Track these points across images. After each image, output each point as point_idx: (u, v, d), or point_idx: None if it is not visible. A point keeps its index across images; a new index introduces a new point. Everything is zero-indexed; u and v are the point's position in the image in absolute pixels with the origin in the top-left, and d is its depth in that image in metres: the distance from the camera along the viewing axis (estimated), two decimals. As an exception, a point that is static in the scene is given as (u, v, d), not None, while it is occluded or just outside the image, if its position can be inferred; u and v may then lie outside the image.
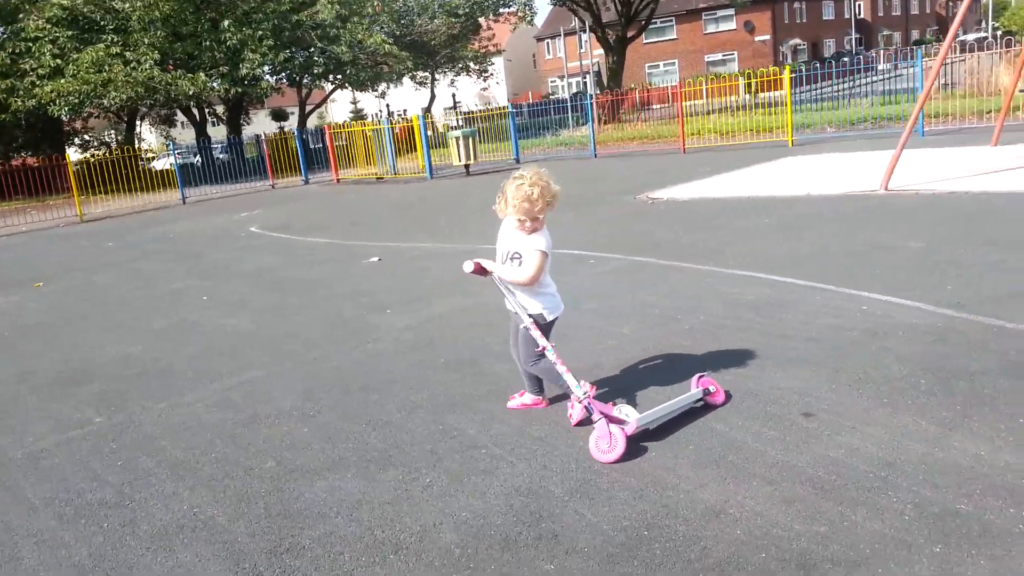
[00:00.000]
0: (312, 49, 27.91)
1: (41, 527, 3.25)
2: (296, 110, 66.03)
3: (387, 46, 28.11)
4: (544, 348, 3.53)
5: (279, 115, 61.53)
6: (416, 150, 21.62)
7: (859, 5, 69.23)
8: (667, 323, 5.01)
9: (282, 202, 17.74)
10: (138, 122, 42.45)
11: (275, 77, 29.59)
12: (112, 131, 52.47)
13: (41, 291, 9.27)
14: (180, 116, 41.55)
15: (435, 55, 33.75)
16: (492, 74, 38.75)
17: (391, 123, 21.46)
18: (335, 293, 7.20)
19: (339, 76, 29.85)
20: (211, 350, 5.70)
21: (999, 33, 38.72)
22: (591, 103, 20.00)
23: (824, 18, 64.89)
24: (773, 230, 7.62)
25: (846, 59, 40.64)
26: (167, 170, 24.86)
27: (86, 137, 46.17)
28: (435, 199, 15.15)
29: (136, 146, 32.21)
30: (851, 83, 27.90)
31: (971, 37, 56.92)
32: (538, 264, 3.47)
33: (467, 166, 18.65)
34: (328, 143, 21.48)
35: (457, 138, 18.36)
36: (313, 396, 4.45)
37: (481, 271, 3.61)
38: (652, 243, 7.64)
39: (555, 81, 64.58)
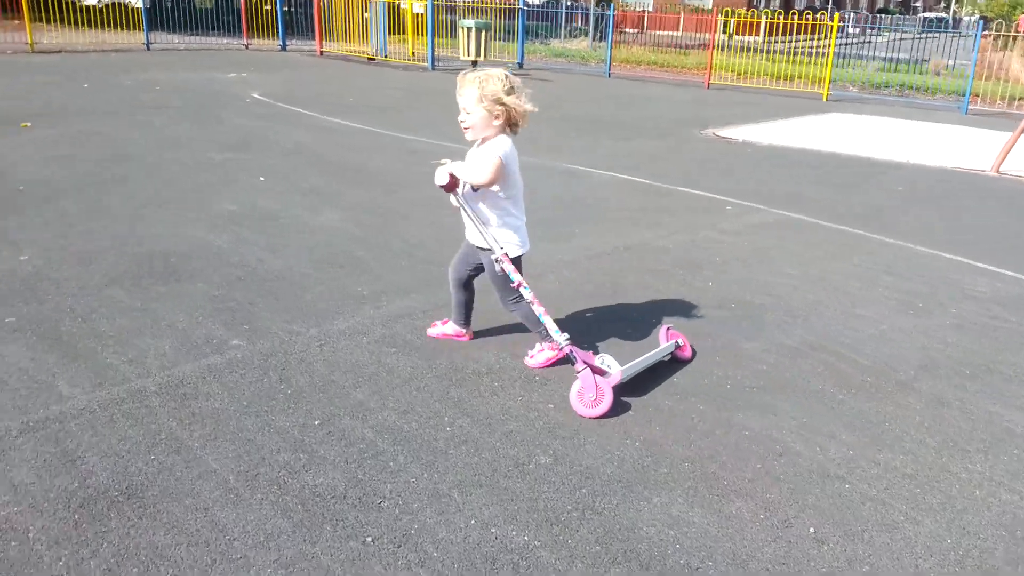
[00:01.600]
0: None
1: (269, 529, 2.23)
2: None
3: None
4: (520, 284, 3.14)
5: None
6: (402, 33, 19.84)
7: (838, -39, 68.37)
8: (916, 312, 4.18)
9: (269, 68, 15.90)
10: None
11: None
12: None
13: (34, 134, 7.72)
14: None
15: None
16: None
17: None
18: (424, 197, 6.07)
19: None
20: (322, 256, 4.58)
21: (975, 17, 38.38)
22: (612, 15, 18.60)
23: (803, -31, 63.80)
24: (920, 202, 6.82)
25: (820, 14, 39.89)
26: (99, 7, 22.12)
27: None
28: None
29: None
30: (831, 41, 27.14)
31: (932, 15, 56.93)
32: (496, 165, 3.00)
33: (475, 62, 17.14)
34: (315, 8, 19.42)
35: (469, 29, 16.77)
36: (526, 352, 3.46)
37: (452, 185, 3.10)
38: (783, 195, 6.74)
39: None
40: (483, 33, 16.91)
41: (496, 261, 3.12)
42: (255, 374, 3.12)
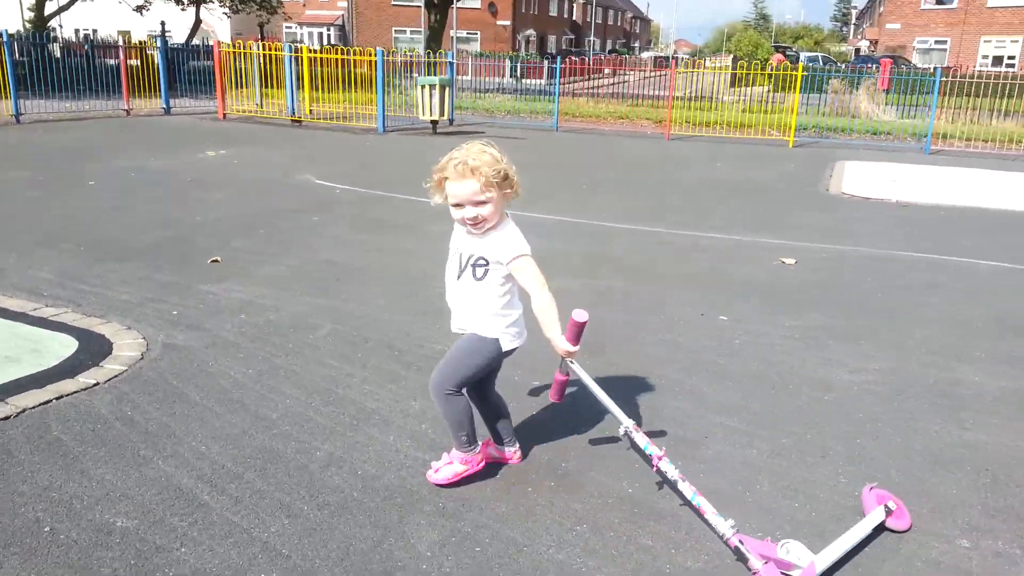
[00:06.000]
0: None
1: None
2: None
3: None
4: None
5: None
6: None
7: (573, 7, 73.27)
8: None
9: (228, 142, 13.14)
10: None
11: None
12: None
13: (259, 273, 5.46)
14: None
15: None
16: (282, 3, 33.48)
17: (296, 51, 17.05)
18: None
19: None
20: None
21: (732, 57, 42.40)
22: (559, 66, 17.91)
23: (550, 14, 67.48)
24: None
25: (576, 57, 41.84)
26: None
27: None
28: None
29: None
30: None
31: (647, 55, 62.35)
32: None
33: (435, 123, 15.60)
34: (216, 66, 16.57)
35: (432, 86, 15.16)
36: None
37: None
38: None
39: (292, 28, 58.83)
40: (445, 90, 15.45)
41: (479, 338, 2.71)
42: None
